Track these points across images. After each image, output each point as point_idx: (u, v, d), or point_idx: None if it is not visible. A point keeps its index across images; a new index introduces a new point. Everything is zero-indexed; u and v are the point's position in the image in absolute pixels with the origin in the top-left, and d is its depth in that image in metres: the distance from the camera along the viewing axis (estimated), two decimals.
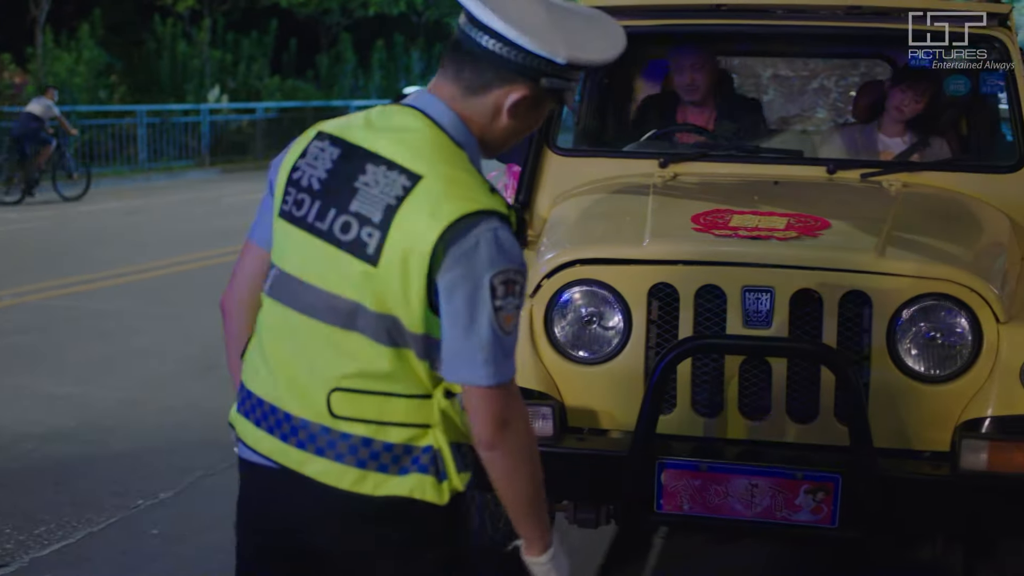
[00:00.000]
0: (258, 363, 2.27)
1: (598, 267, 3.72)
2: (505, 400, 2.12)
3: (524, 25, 2.08)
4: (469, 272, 2.03)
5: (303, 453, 2.18)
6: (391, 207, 2.07)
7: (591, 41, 2.15)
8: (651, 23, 4.93)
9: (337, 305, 2.13)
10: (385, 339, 2.11)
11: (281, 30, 30.63)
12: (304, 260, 2.18)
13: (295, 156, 2.25)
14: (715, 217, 3.88)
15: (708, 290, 3.64)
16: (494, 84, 2.15)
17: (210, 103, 26.03)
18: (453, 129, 2.17)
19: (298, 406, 2.19)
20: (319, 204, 2.16)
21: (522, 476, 2.18)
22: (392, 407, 2.15)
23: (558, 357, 3.72)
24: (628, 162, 4.74)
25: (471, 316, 2.05)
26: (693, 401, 3.68)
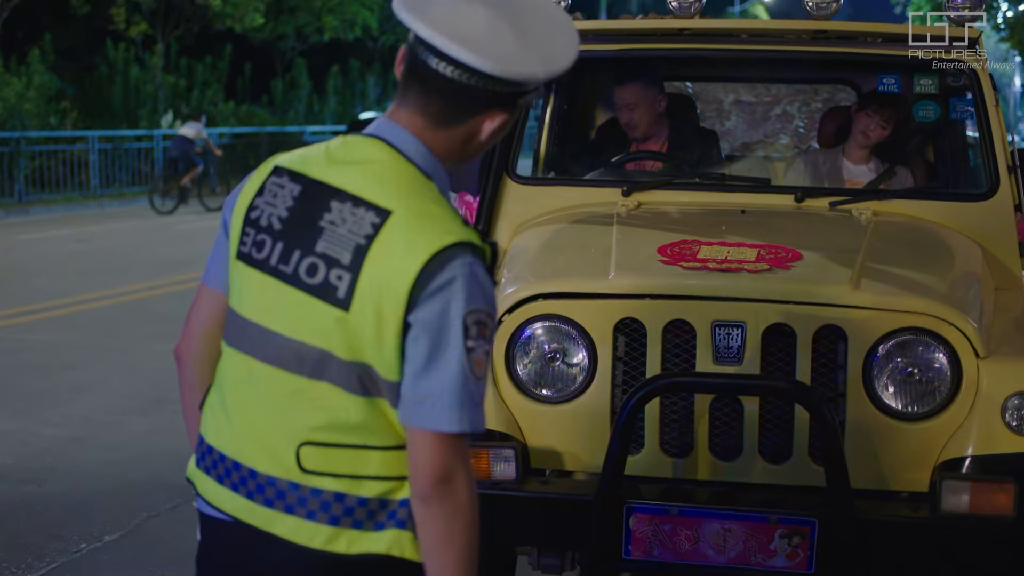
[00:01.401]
0: (219, 416, 2.12)
1: (562, 301, 3.56)
2: (454, 452, 1.93)
3: (498, 54, 1.94)
4: (443, 308, 1.90)
5: (271, 511, 2.04)
6: (361, 247, 1.94)
7: (559, 45, 2.02)
8: (613, 47, 4.80)
9: (304, 353, 1.99)
10: (357, 388, 1.98)
11: (235, 55, 30.39)
12: (266, 305, 2.03)
13: (251, 193, 2.09)
14: (683, 248, 3.73)
15: (677, 325, 3.50)
16: (468, 115, 2.02)
17: (163, 128, 25.74)
18: (421, 160, 2.04)
19: (265, 462, 2.04)
20: (282, 245, 2.02)
21: (455, 546, 1.95)
22: (366, 460, 2.01)
23: (520, 396, 3.55)
24: (590, 190, 4.59)
25: (440, 355, 1.90)
26: (662, 441, 3.53)
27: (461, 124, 2.03)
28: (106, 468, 6.20)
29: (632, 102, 4.90)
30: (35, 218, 19.41)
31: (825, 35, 4.62)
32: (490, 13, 1.96)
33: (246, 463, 2.06)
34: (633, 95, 4.88)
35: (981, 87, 4.47)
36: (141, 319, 10.35)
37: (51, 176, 21.52)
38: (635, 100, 4.89)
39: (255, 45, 32.42)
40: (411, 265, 1.90)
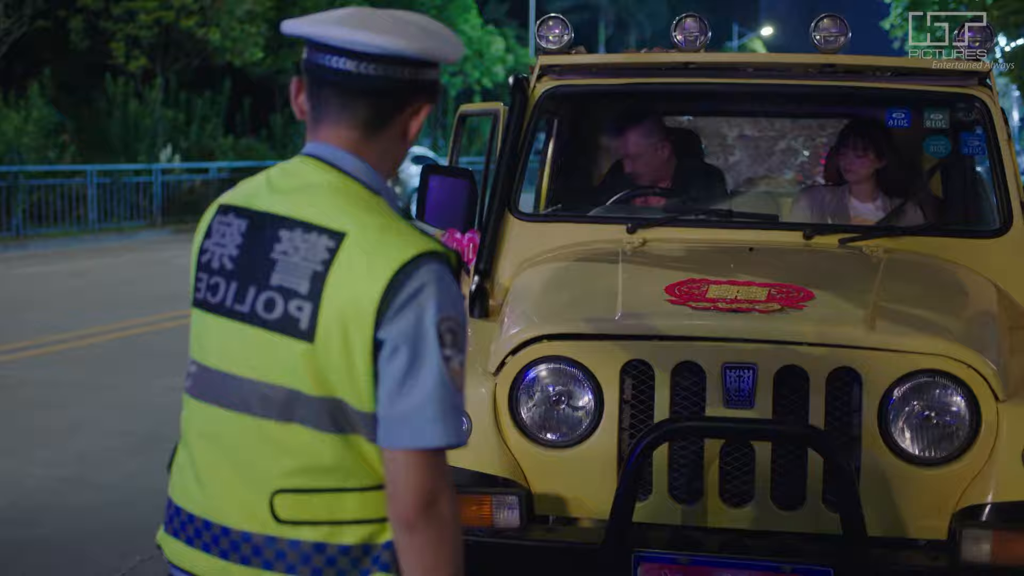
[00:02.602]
0: (187, 474, 2.02)
1: (567, 343, 3.45)
2: (438, 471, 1.85)
3: (411, 36, 1.92)
4: (416, 319, 1.83)
5: (248, 569, 1.94)
6: (318, 273, 1.86)
7: (450, 34, 2.02)
8: (617, 82, 4.71)
9: (270, 395, 1.90)
10: (329, 426, 1.88)
11: (235, 89, 30.39)
12: (227, 350, 1.95)
13: (199, 241, 2.02)
14: (691, 287, 3.63)
15: (686, 367, 3.39)
16: (396, 112, 1.98)
17: (162, 163, 25.70)
18: (364, 175, 1.97)
19: (237, 517, 1.94)
20: (236, 285, 1.94)
21: (443, 568, 1.87)
22: (344, 504, 1.91)
23: (524, 440, 3.44)
24: (594, 227, 4.50)
25: (418, 368, 1.83)
26: (671, 487, 3.42)
27: (392, 125, 1.98)
28: (101, 509, 6.07)
29: (635, 152, 4.86)
30: (33, 252, 19.30)
31: (833, 69, 4.54)
32: (382, 13, 1.95)
33: (218, 521, 1.96)
34: (636, 146, 4.83)
35: (992, 121, 4.39)
36: (138, 355, 10.22)
37: (49, 210, 21.43)
38: (638, 151, 4.84)
39: (254, 79, 32.42)
40: (376, 282, 1.83)
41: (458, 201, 4.38)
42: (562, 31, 4.62)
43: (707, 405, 3.37)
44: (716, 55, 4.82)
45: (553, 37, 4.62)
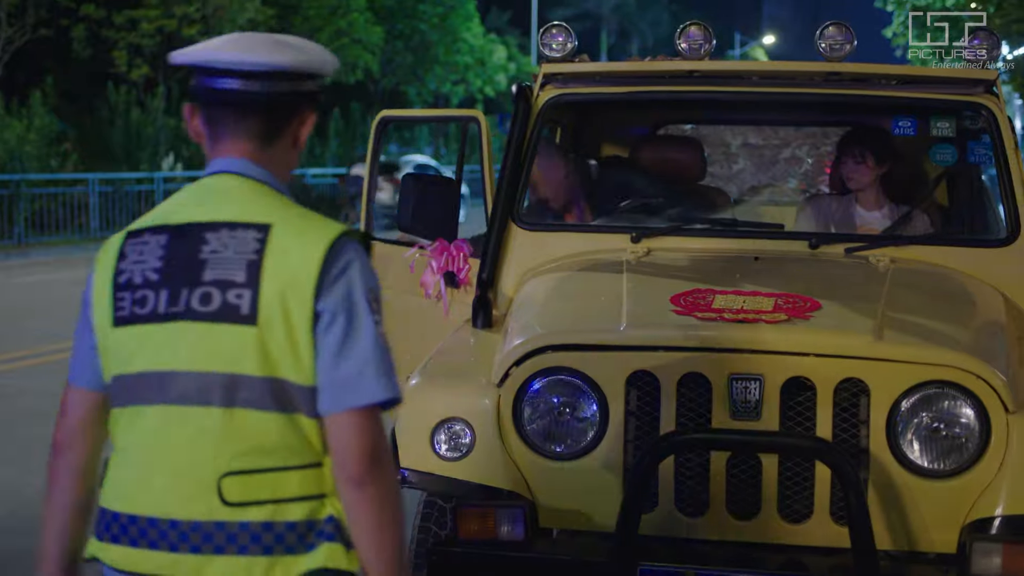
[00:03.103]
0: (124, 480, 2.10)
1: (571, 354, 3.42)
2: (380, 430, 2.02)
3: (290, 53, 2.11)
4: (348, 290, 2.02)
5: (199, 556, 2.02)
6: (253, 262, 2.03)
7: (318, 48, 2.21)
8: (621, 90, 4.69)
9: (210, 383, 2.03)
10: (272, 405, 2.02)
11: None
12: (163, 351, 2.06)
13: (110, 266, 2.12)
14: (696, 298, 3.59)
15: (692, 378, 3.36)
16: (286, 122, 2.17)
17: (164, 171, 25.68)
18: (269, 180, 2.15)
19: (185, 508, 2.03)
20: (167, 291, 2.06)
21: (393, 523, 2.02)
22: (287, 482, 2.03)
23: (528, 452, 3.41)
24: (598, 236, 4.46)
25: (356, 332, 2.01)
26: (676, 499, 3.38)
27: (283, 135, 2.16)
28: None
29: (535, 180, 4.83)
30: (34, 260, 19.29)
31: (838, 77, 4.51)
32: (262, 36, 2.14)
33: (164, 516, 2.04)
34: (536, 174, 4.78)
35: (999, 129, 4.35)
36: None
37: (51, 219, 21.42)
38: (537, 178, 4.82)
39: None
40: (311, 260, 2.01)
41: (444, 210, 4.37)
42: (566, 39, 4.59)
43: (713, 417, 3.34)
44: (721, 63, 4.80)
45: (556, 45, 4.59)
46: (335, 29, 31.26)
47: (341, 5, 31.62)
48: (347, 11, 31.63)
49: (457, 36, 37.51)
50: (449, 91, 38.62)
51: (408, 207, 4.47)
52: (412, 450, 3.41)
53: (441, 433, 3.40)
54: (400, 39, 36.20)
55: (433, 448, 3.40)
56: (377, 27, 33.06)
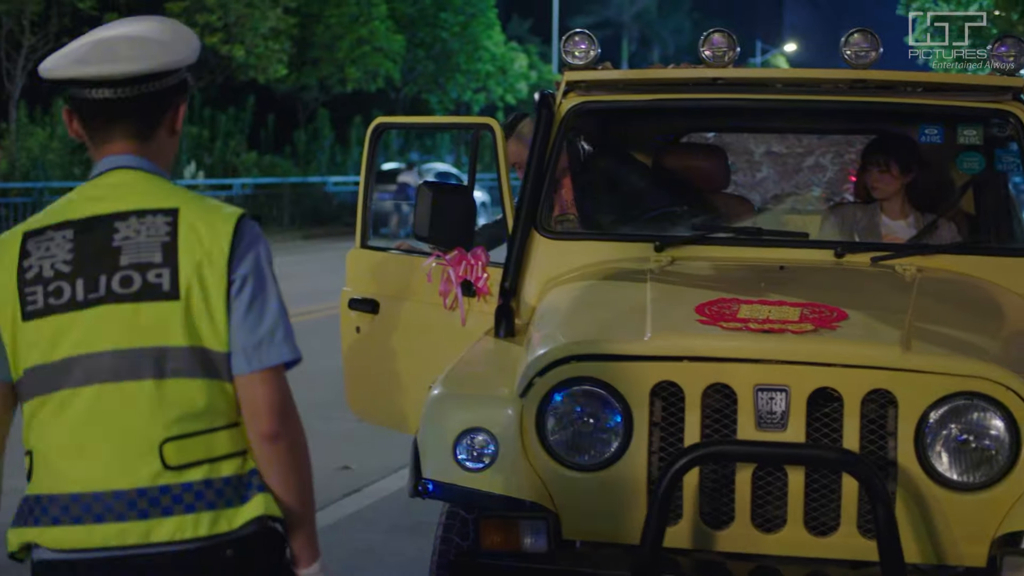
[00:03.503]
0: (61, 464, 2.19)
1: (595, 364, 3.39)
2: (286, 387, 2.23)
3: (152, 59, 2.23)
4: (254, 261, 2.21)
5: (148, 522, 2.14)
6: (168, 243, 2.18)
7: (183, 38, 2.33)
8: (644, 98, 4.65)
9: (139, 358, 2.16)
10: (199, 372, 2.17)
11: (259, 106, 30.50)
12: (90, 334, 2.17)
13: (13, 265, 2.22)
14: (721, 307, 3.56)
15: (717, 389, 3.33)
16: (160, 116, 2.30)
17: (186, 179, 25.78)
18: (155, 170, 2.30)
19: (129, 478, 2.15)
20: (82, 279, 2.18)
21: (303, 470, 2.24)
22: (217, 441, 2.19)
23: (552, 463, 3.38)
24: (621, 245, 4.42)
25: (264, 299, 2.21)
26: (701, 511, 3.35)
27: (159, 127, 2.30)
28: None
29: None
30: None
31: (864, 84, 4.47)
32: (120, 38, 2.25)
33: (108, 489, 2.15)
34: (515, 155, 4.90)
35: None
36: None
37: None
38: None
39: (278, 96, 32.53)
40: (223, 237, 2.19)
41: (460, 218, 4.36)
42: (588, 46, 4.56)
43: (739, 428, 3.30)
44: (745, 70, 4.77)
45: (579, 53, 4.56)
46: (356, 37, 31.31)
47: (363, 13, 31.68)
48: (369, 19, 31.69)
49: (478, 44, 37.52)
50: (470, 99, 38.64)
51: (425, 216, 4.45)
52: (435, 461, 3.39)
53: (464, 444, 3.37)
54: (421, 47, 36.24)
55: (456, 459, 3.37)
56: (398, 35, 33.11)
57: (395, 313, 4.94)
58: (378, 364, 5.03)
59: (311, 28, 31.12)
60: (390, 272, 5.02)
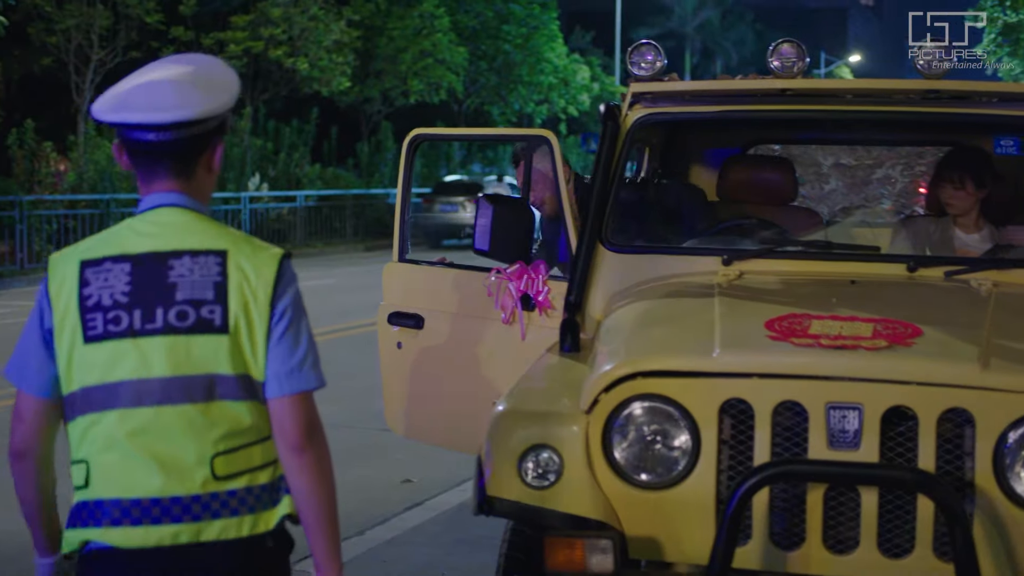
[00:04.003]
0: (122, 472, 2.44)
1: (663, 380, 3.32)
2: (313, 407, 2.52)
3: (190, 103, 2.44)
4: (292, 299, 2.51)
5: (199, 524, 2.44)
6: (219, 283, 2.45)
7: (222, 77, 2.56)
8: (712, 109, 4.59)
9: (192, 384, 2.44)
10: (243, 395, 2.47)
11: (322, 118, 30.67)
12: (145, 360, 2.43)
13: (74, 289, 2.45)
14: (792, 323, 3.48)
15: (787, 407, 3.24)
16: (199, 156, 2.53)
17: (251, 191, 25.97)
18: (199, 208, 2.54)
19: (184, 486, 2.44)
20: (139, 311, 2.43)
21: (327, 483, 2.52)
22: (255, 454, 2.50)
23: (618, 481, 3.31)
24: (687, 259, 4.36)
25: (297, 332, 2.50)
26: (771, 531, 3.26)
27: (198, 166, 2.53)
28: None
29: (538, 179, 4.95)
30: None
31: (937, 95, 4.37)
32: (166, 85, 2.45)
33: (166, 495, 2.43)
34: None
35: None
36: None
37: None
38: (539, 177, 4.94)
39: (341, 108, 32.71)
40: (267, 277, 2.48)
41: (520, 232, 4.32)
42: (655, 57, 4.51)
43: (809, 447, 3.22)
44: (815, 81, 4.68)
45: (645, 64, 4.51)
46: (419, 50, 31.43)
47: (426, 26, 31.80)
48: (432, 32, 31.80)
49: (541, 56, 37.51)
50: (533, 111, 38.64)
51: (485, 229, 4.41)
52: (499, 477, 3.34)
53: (529, 461, 3.32)
54: (484, 59, 36.31)
55: (520, 476, 3.32)
56: (461, 48, 33.19)
57: (443, 328, 4.89)
58: (424, 380, 4.99)
59: (374, 41, 31.28)
60: (437, 286, 4.97)
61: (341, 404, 9.39)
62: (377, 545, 5.89)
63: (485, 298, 4.70)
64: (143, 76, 2.51)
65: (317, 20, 27.66)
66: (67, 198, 20.92)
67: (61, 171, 22.19)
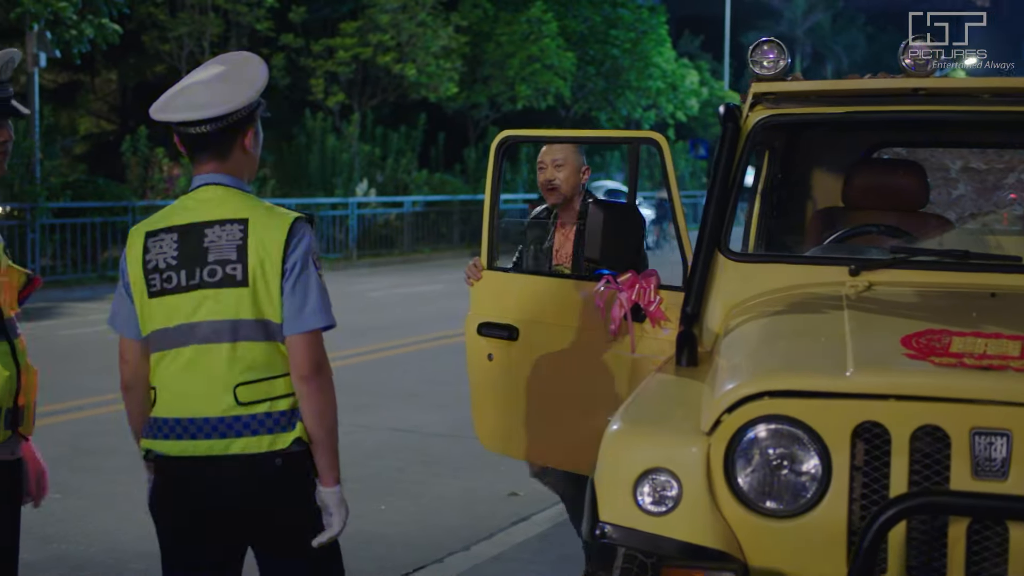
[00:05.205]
0: (171, 397, 3.17)
1: (791, 400, 3.07)
2: (321, 346, 3.14)
3: (220, 100, 3.09)
4: (301, 254, 3.10)
5: (226, 440, 3.11)
6: (240, 246, 3.10)
7: (252, 70, 3.19)
8: (837, 110, 4.33)
9: (222, 327, 3.11)
10: (262, 336, 3.11)
11: (430, 124, 30.71)
12: (191, 309, 3.13)
13: (139, 256, 3.18)
14: (931, 339, 3.21)
15: (928, 432, 2.97)
16: (233, 142, 3.19)
17: (358, 197, 26.08)
18: (235, 184, 3.20)
19: (215, 409, 3.12)
20: (184, 271, 3.13)
21: (330, 409, 3.15)
22: (276, 386, 3.14)
23: (741, 509, 3.07)
24: (811, 268, 4.09)
25: (305, 280, 3.10)
26: (908, 566, 3.00)
27: (234, 149, 3.20)
28: None
29: (560, 159, 4.99)
30: None
31: None
32: (200, 83, 3.14)
33: (201, 416, 3.12)
34: (563, 151, 4.98)
35: None
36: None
37: None
38: (564, 157, 4.99)
39: (449, 114, 32.75)
40: (279, 239, 3.10)
41: (632, 239, 4.09)
42: (778, 56, 4.27)
43: (952, 476, 2.95)
44: (950, 80, 4.38)
45: (768, 63, 4.27)
46: (527, 55, 31.34)
47: (533, 31, 31.69)
48: (539, 37, 31.68)
49: (649, 61, 37.17)
50: (641, 116, 38.30)
51: (596, 237, 4.19)
52: (612, 502, 3.12)
53: (645, 485, 3.09)
54: (592, 64, 36.09)
55: (635, 501, 3.09)
56: (569, 53, 33.02)
57: (540, 339, 4.68)
58: (519, 394, 4.78)
59: (482, 46, 31.26)
60: (532, 295, 4.75)
61: (445, 412, 9.27)
62: (482, 561, 5.72)
63: (586, 308, 4.49)
64: (186, 80, 3.18)
65: (425, 26, 27.72)
66: None
67: (174, 176, 22.47)
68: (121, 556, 5.92)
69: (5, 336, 3.28)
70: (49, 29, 18.18)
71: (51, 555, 5.91)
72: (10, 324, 3.30)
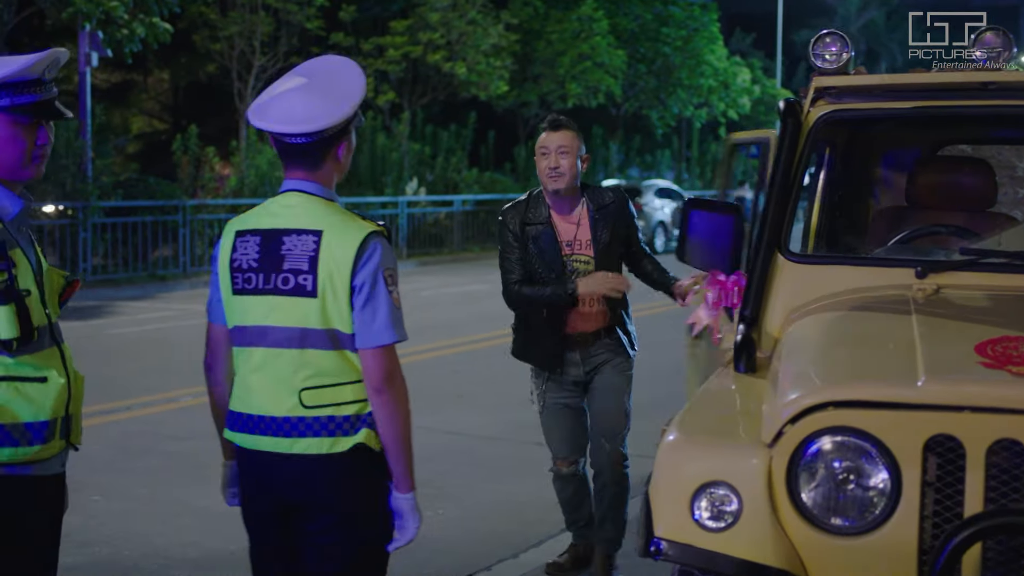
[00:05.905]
0: (243, 392, 3.28)
1: (858, 411, 2.90)
2: (393, 358, 3.18)
3: (316, 116, 3.12)
4: (372, 270, 3.14)
5: (290, 439, 3.19)
6: (313, 257, 3.15)
7: (349, 84, 3.22)
8: (902, 105, 4.14)
9: (291, 334, 3.18)
10: (330, 346, 3.17)
11: (480, 122, 30.62)
12: (264, 312, 3.20)
13: (228, 253, 3.28)
14: (1007, 347, 3.03)
15: (1005, 446, 2.80)
16: (326, 153, 3.23)
17: (408, 195, 26.02)
18: (321, 192, 3.25)
19: (281, 409, 3.20)
20: (262, 275, 3.21)
21: (401, 418, 3.20)
22: (343, 392, 3.20)
23: (805, 525, 2.91)
24: (875, 270, 3.91)
25: (376, 296, 3.14)
26: None
27: (325, 161, 3.24)
28: None
29: (566, 146, 5.01)
30: None
31: None
32: (297, 92, 3.17)
33: (268, 414, 3.21)
34: (568, 138, 5.02)
35: None
36: None
37: None
38: (568, 144, 5.02)
39: (499, 112, 32.65)
40: (349, 254, 3.13)
41: (723, 239, 3.88)
42: (840, 48, 4.09)
43: None
44: (1021, 74, 4.17)
45: (830, 56, 4.09)
46: (578, 53, 31.17)
47: (584, 29, 31.52)
48: (590, 35, 31.51)
49: (700, 59, 36.89)
50: (692, 114, 38.01)
51: (685, 234, 4.03)
52: (668, 517, 2.96)
53: (702, 499, 2.94)
54: (643, 62, 35.86)
55: (693, 516, 2.94)
56: (620, 51, 32.82)
57: None
58: None
59: (532, 44, 31.13)
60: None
61: (492, 415, 9.15)
62: (531, 570, 5.57)
63: None
64: (281, 85, 3.21)
65: (475, 24, 27.62)
66: (229, 202, 21.19)
67: (224, 176, 22.51)
68: (163, 562, 5.83)
69: (54, 341, 3.16)
70: (101, 28, 18.23)
71: (90, 559, 5.83)
72: (57, 329, 3.19)
